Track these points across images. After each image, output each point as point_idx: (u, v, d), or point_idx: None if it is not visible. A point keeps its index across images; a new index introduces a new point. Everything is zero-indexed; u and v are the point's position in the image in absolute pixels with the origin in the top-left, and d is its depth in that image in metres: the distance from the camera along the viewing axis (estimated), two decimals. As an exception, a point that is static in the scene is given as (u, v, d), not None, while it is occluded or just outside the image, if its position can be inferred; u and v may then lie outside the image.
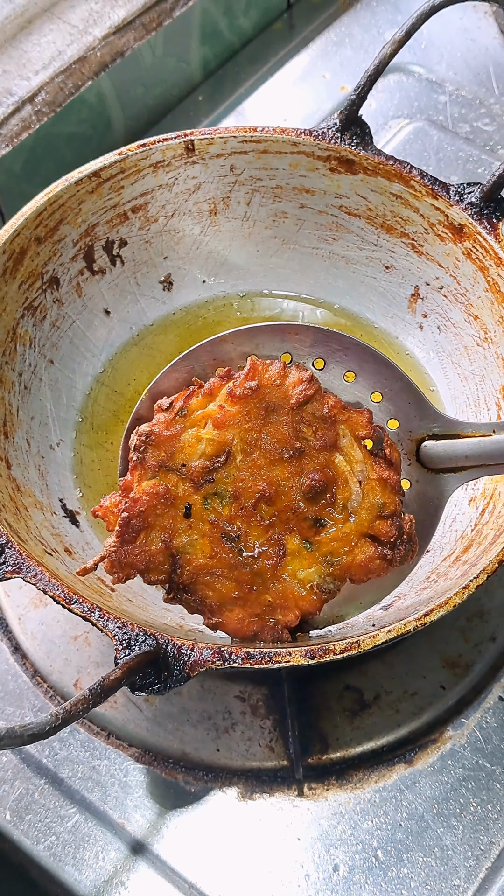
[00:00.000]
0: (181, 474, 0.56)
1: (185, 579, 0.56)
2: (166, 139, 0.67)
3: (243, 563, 0.56)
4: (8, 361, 0.64)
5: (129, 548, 0.55)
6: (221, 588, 0.56)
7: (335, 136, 0.66)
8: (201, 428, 0.57)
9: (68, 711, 0.45)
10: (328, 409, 0.57)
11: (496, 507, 0.60)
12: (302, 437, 0.57)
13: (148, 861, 0.60)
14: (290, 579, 0.57)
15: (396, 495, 0.57)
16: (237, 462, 0.57)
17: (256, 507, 0.56)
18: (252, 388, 0.57)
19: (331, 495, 0.57)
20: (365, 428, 0.58)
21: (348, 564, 0.57)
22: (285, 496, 0.57)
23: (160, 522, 0.56)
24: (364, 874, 0.60)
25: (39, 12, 0.83)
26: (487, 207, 0.64)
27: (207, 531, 0.56)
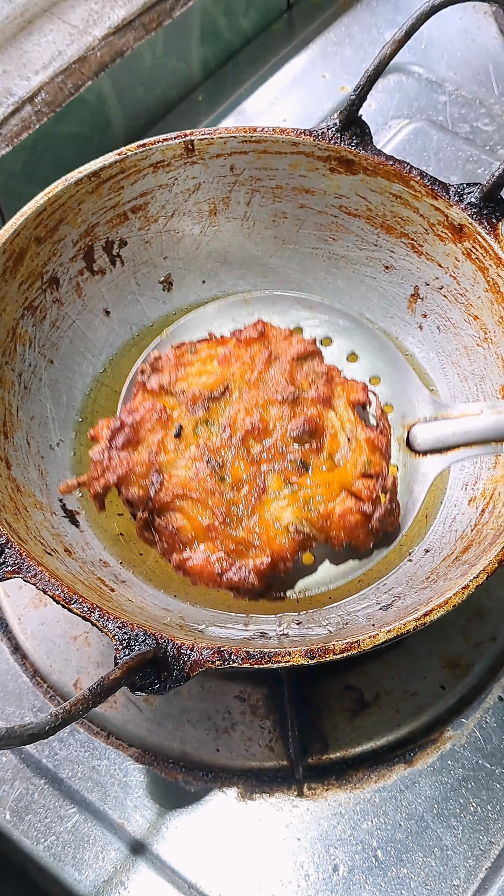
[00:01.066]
0: (179, 399, 0.58)
1: (163, 498, 0.56)
2: (166, 139, 0.67)
3: (223, 492, 0.56)
4: (8, 361, 0.64)
5: (115, 452, 0.57)
6: (196, 515, 0.56)
7: (335, 136, 0.66)
8: (206, 363, 0.60)
9: (68, 711, 0.45)
10: (326, 368, 0.60)
11: (496, 507, 0.60)
12: (298, 385, 0.59)
13: (148, 861, 0.60)
14: (267, 518, 0.56)
15: (383, 458, 0.58)
16: (233, 397, 0.58)
17: (245, 441, 0.57)
18: (259, 331, 0.60)
19: (319, 443, 0.58)
20: (359, 393, 0.60)
21: (327, 514, 0.57)
22: (274, 434, 0.57)
23: (150, 438, 0.57)
24: (364, 874, 0.60)
25: (39, 12, 0.83)
26: (487, 207, 0.64)
27: (194, 454, 0.57)
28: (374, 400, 0.61)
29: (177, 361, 0.60)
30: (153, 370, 0.60)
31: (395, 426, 0.60)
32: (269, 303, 0.64)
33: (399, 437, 0.60)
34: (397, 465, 0.60)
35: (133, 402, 0.59)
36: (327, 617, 0.61)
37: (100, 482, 0.56)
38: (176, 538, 0.55)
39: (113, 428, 0.57)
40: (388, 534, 0.60)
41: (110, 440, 0.57)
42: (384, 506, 0.57)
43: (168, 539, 0.56)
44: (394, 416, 0.60)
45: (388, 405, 0.61)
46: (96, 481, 0.57)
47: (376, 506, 0.57)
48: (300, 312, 0.63)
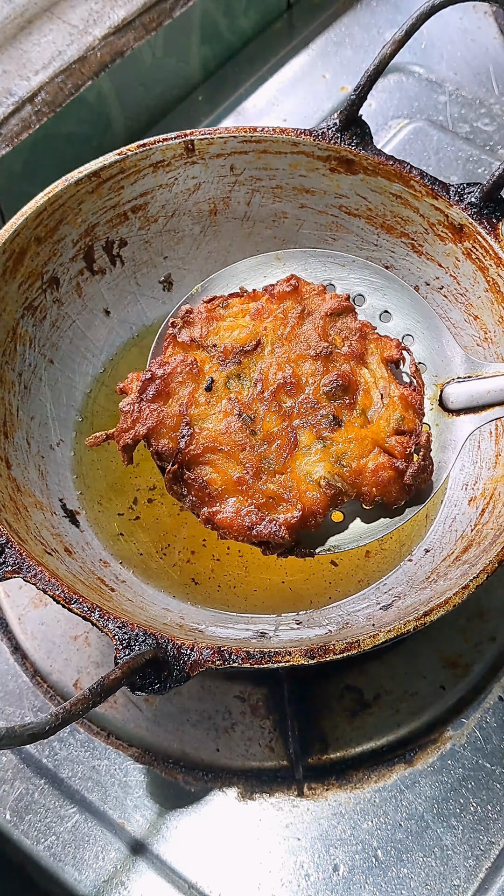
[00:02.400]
0: (210, 353, 0.58)
1: (193, 451, 0.55)
2: (166, 139, 0.67)
3: (253, 445, 0.56)
4: (8, 361, 0.64)
5: (146, 404, 0.56)
6: (227, 468, 0.55)
7: (335, 136, 0.66)
8: (238, 318, 0.59)
9: (68, 711, 0.45)
10: (360, 325, 0.59)
11: (496, 507, 0.60)
12: (331, 341, 0.58)
13: (148, 861, 0.60)
14: (298, 472, 0.56)
15: (416, 415, 0.58)
16: (265, 352, 0.58)
17: (277, 395, 0.57)
18: (292, 286, 0.59)
19: (352, 399, 0.57)
20: (392, 350, 0.59)
21: (359, 469, 0.56)
22: (307, 389, 0.57)
23: (181, 391, 0.57)
24: (364, 874, 0.60)
25: (39, 12, 0.83)
26: (487, 207, 0.64)
27: (225, 407, 0.57)
28: (408, 357, 0.60)
29: (208, 315, 0.59)
30: (184, 323, 0.59)
31: (429, 385, 0.60)
32: (301, 259, 0.63)
33: (432, 397, 0.60)
34: (429, 424, 0.60)
35: (164, 355, 0.59)
36: (327, 617, 0.61)
37: (129, 434, 0.56)
38: (205, 492, 0.55)
39: (144, 379, 0.57)
40: (419, 492, 0.59)
41: (141, 392, 0.57)
42: (417, 462, 0.56)
43: (197, 493, 0.55)
44: (427, 376, 0.60)
45: (422, 364, 0.61)
46: (126, 433, 0.56)
47: (409, 462, 0.56)
48: (333, 271, 0.63)
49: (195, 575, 0.65)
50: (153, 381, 0.57)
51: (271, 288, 0.60)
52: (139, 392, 0.57)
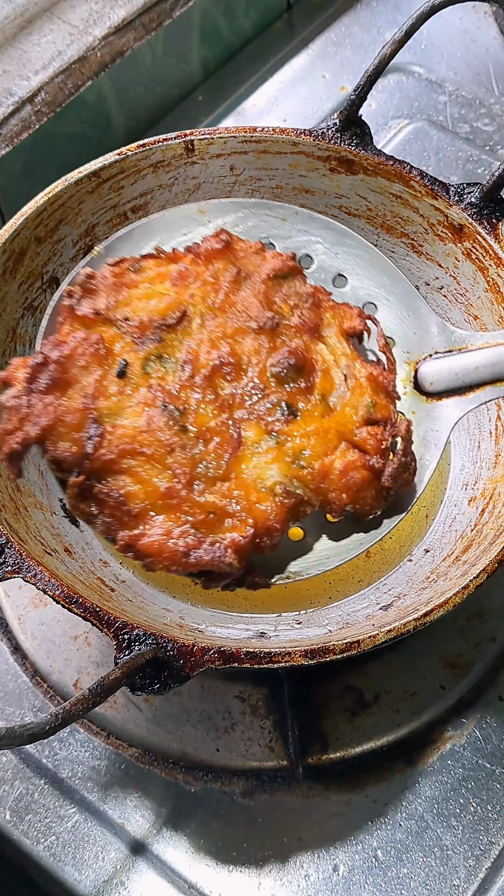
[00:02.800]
0: (121, 329, 0.45)
1: (104, 456, 0.43)
2: (166, 139, 0.67)
3: (185, 446, 0.43)
4: (8, 362, 0.64)
5: (38, 397, 0.43)
6: (151, 477, 0.43)
7: (335, 136, 0.66)
8: (156, 284, 0.46)
9: (68, 711, 0.45)
10: (311, 290, 0.47)
11: (496, 507, 0.60)
12: (277, 311, 0.46)
13: (148, 861, 0.60)
14: (246, 477, 0.44)
15: (389, 400, 0.46)
16: (194, 326, 0.46)
17: (212, 381, 0.44)
18: (222, 242, 0.47)
19: (308, 382, 0.45)
20: (353, 320, 0.48)
21: (324, 470, 0.44)
22: (250, 372, 0.45)
23: (84, 378, 0.44)
24: (364, 874, 0.60)
25: (39, 12, 0.83)
26: (487, 207, 0.64)
27: (144, 398, 0.44)
28: (374, 328, 0.49)
29: (116, 281, 0.46)
30: (84, 292, 0.46)
31: (400, 364, 0.49)
32: (230, 212, 0.50)
33: (404, 378, 0.48)
34: (402, 413, 0.49)
35: (59, 334, 0.45)
36: (327, 617, 0.61)
37: (16, 437, 0.43)
38: (123, 509, 0.43)
39: (33, 365, 0.43)
40: (399, 497, 0.48)
41: (30, 381, 0.43)
42: (397, 459, 0.45)
43: (112, 511, 0.43)
44: (396, 352, 0.49)
45: (389, 339, 0.49)
46: (11, 436, 0.43)
47: (386, 459, 0.45)
48: (271, 226, 0.50)
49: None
50: (46, 367, 0.44)
51: (196, 247, 0.48)
52: (27, 381, 0.43)
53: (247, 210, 0.51)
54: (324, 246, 0.50)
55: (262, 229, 0.51)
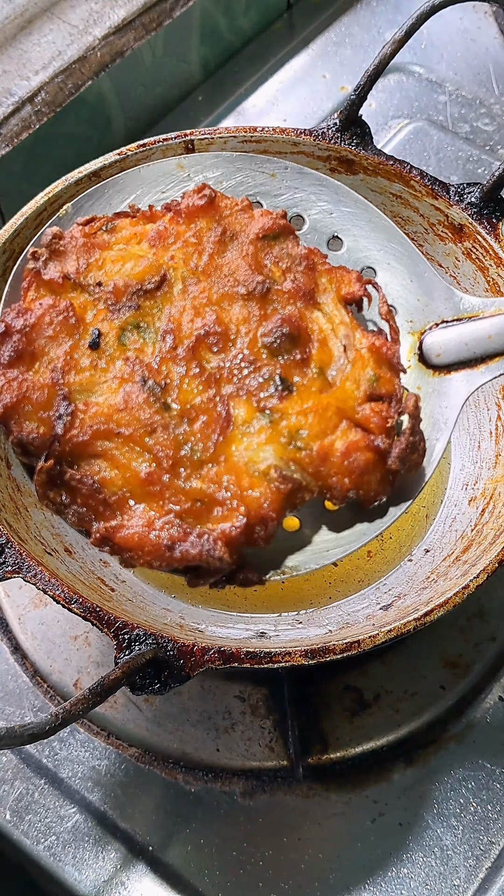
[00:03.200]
0: (94, 294, 0.41)
1: (76, 438, 0.39)
2: (166, 139, 0.67)
3: (167, 425, 0.39)
4: None
5: (2, 366, 0.39)
6: (129, 461, 0.39)
7: (335, 136, 0.66)
8: (131, 244, 0.42)
9: (68, 711, 0.45)
10: (305, 251, 0.43)
11: (496, 507, 0.60)
12: (268, 274, 0.42)
13: (148, 861, 0.60)
14: (237, 460, 0.39)
15: (394, 373, 0.42)
16: (175, 291, 0.41)
17: (196, 352, 0.40)
18: (206, 197, 0.43)
19: (304, 354, 0.41)
20: (352, 285, 0.43)
21: (324, 451, 0.40)
22: (239, 342, 0.41)
23: (52, 350, 0.40)
24: (364, 874, 0.59)
25: (39, 12, 0.83)
26: (487, 207, 0.64)
27: (121, 371, 0.40)
28: (375, 294, 0.44)
29: (86, 242, 0.42)
30: (51, 254, 0.42)
31: (403, 335, 0.44)
32: (213, 167, 0.46)
33: (408, 350, 0.44)
34: (406, 389, 0.45)
35: (24, 300, 0.41)
36: (327, 617, 0.61)
37: None
38: (98, 497, 0.39)
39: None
40: (406, 482, 0.43)
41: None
42: (404, 438, 0.41)
43: (86, 500, 0.39)
44: (399, 322, 0.44)
45: (391, 307, 0.45)
46: None
47: (392, 439, 0.41)
48: (258, 182, 0.46)
49: (195, 575, 0.65)
50: (8, 338, 0.40)
51: (175, 204, 0.44)
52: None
53: (231, 165, 0.46)
54: (317, 204, 0.46)
55: (249, 186, 0.46)
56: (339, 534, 0.44)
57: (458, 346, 0.43)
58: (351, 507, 0.43)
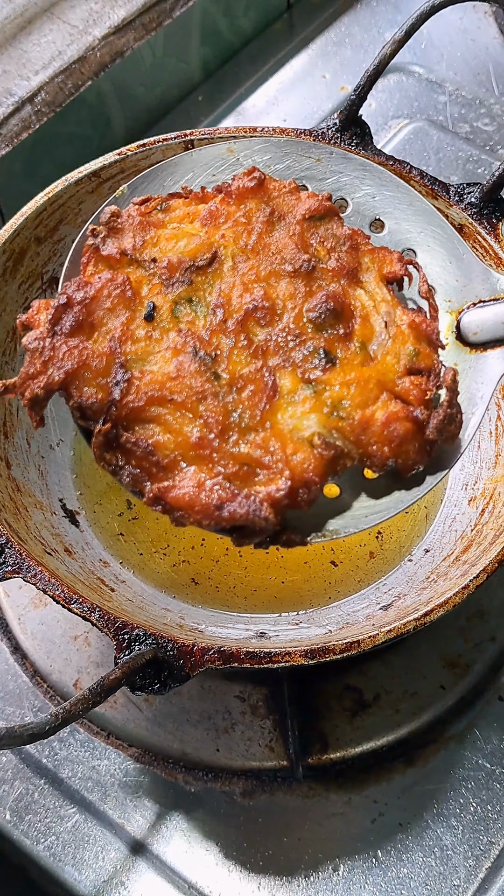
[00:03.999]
0: (149, 270, 0.43)
1: (132, 403, 0.41)
2: (166, 139, 0.67)
3: (217, 393, 0.41)
4: (8, 361, 0.64)
5: (62, 340, 0.41)
6: (181, 426, 0.41)
7: (335, 136, 0.66)
8: (184, 223, 0.45)
9: (68, 711, 0.45)
10: (349, 232, 0.45)
11: (496, 507, 0.60)
12: (314, 253, 0.44)
13: (148, 861, 0.60)
14: (283, 427, 0.41)
15: (433, 349, 0.44)
16: (225, 268, 0.44)
17: (245, 326, 0.42)
18: (256, 179, 0.45)
19: (347, 329, 0.43)
20: (394, 265, 0.45)
21: (365, 421, 0.42)
22: (285, 317, 0.43)
23: (110, 322, 0.42)
24: (364, 874, 0.59)
25: (39, 12, 0.83)
26: (487, 207, 0.64)
27: (174, 342, 0.42)
28: (416, 274, 0.46)
29: (142, 220, 0.45)
30: (110, 232, 0.44)
31: (442, 314, 0.46)
32: (262, 152, 0.48)
33: (447, 328, 0.46)
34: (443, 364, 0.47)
35: (83, 274, 0.44)
36: (327, 617, 0.61)
37: (39, 381, 0.41)
38: (152, 459, 0.40)
39: (56, 306, 0.42)
40: (443, 452, 0.45)
41: (53, 323, 0.41)
42: (442, 410, 0.43)
43: (140, 461, 0.41)
44: (437, 301, 0.47)
45: (430, 287, 0.47)
46: (34, 380, 0.41)
47: (431, 411, 0.42)
48: (304, 166, 0.48)
49: (195, 575, 0.65)
50: (69, 309, 0.42)
51: (227, 185, 0.46)
52: (51, 323, 0.42)
53: (279, 150, 0.48)
54: (360, 188, 0.48)
55: (296, 170, 0.48)
56: (377, 500, 0.45)
57: (494, 325, 0.45)
58: (389, 476, 0.45)
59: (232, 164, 0.49)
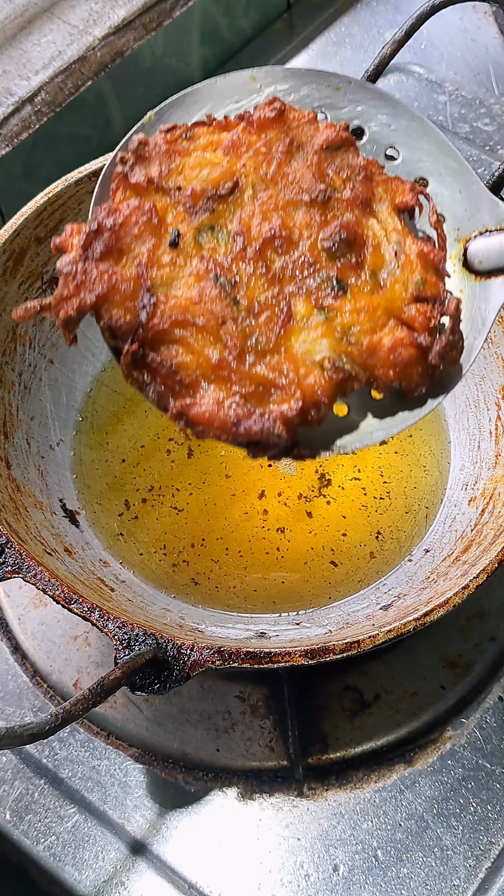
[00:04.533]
0: (174, 198, 0.46)
1: (157, 325, 0.44)
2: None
3: (236, 318, 0.44)
4: (8, 361, 0.64)
5: (93, 264, 0.44)
6: (202, 348, 0.44)
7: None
8: (208, 152, 0.47)
9: (68, 711, 0.45)
10: (364, 162, 0.48)
11: (496, 507, 0.60)
12: (330, 183, 0.47)
13: (148, 861, 0.60)
14: (296, 351, 0.45)
15: (439, 278, 0.47)
16: (246, 197, 0.46)
17: (263, 253, 0.45)
18: (276, 109, 0.47)
19: (358, 258, 0.46)
20: (406, 195, 0.48)
21: (373, 346, 0.45)
22: (301, 245, 0.45)
23: (137, 248, 0.45)
24: (364, 874, 0.60)
25: (39, 12, 0.83)
26: (487, 207, 0.64)
27: (196, 269, 0.44)
28: (427, 204, 0.49)
29: (169, 149, 0.47)
30: (137, 159, 0.47)
31: (450, 242, 0.49)
32: (283, 80, 0.50)
33: (454, 255, 0.49)
34: (450, 291, 0.49)
35: (112, 201, 0.46)
36: (327, 617, 0.61)
37: (72, 303, 0.44)
38: (175, 378, 0.44)
39: (88, 232, 0.44)
40: (444, 376, 0.48)
41: (84, 248, 0.44)
42: (445, 337, 0.45)
43: (165, 379, 0.44)
44: (446, 229, 0.49)
45: (440, 216, 0.49)
46: (67, 302, 0.44)
47: (434, 337, 0.45)
48: (323, 95, 0.50)
49: (195, 575, 0.65)
50: (100, 235, 0.44)
51: (248, 115, 0.48)
52: (83, 248, 0.44)
53: (300, 79, 0.50)
54: (376, 117, 0.50)
55: (315, 98, 0.50)
56: (382, 420, 0.48)
57: (498, 254, 0.48)
58: (394, 397, 0.48)
59: (254, 93, 0.50)
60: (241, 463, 0.69)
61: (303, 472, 0.69)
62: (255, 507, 0.67)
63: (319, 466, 0.69)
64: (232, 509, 0.67)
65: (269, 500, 0.68)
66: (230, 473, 0.69)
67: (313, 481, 0.68)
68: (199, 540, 0.66)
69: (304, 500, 0.68)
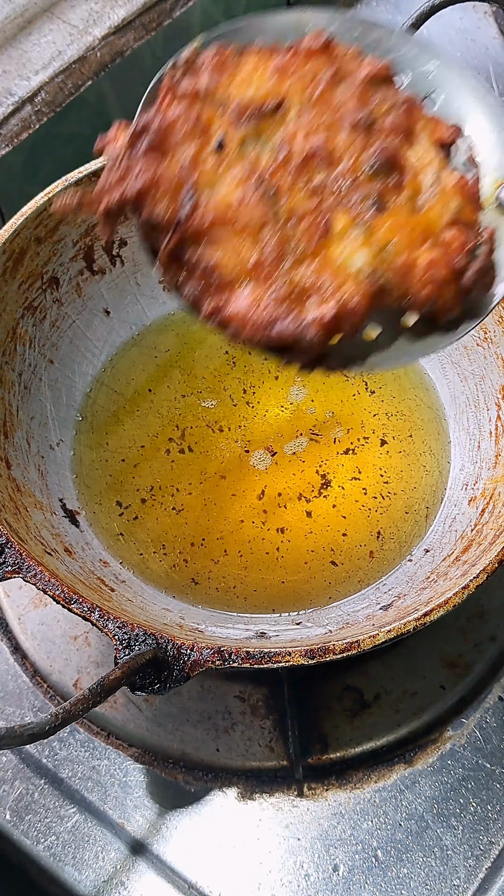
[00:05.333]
0: (220, 110, 0.46)
1: (197, 224, 0.44)
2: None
3: (276, 224, 0.44)
4: (8, 361, 0.64)
5: (138, 157, 0.44)
6: (240, 249, 0.44)
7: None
8: (257, 73, 0.48)
9: (68, 711, 0.45)
10: (406, 97, 0.49)
11: (496, 507, 0.60)
12: (372, 110, 0.47)
13: (148, 861, 0.60)
14: (334, 258, 0.45)
15: (475, 207, 0.48)
16: (290, 116, 0.47)
17: (305, 167, 0.46)
18: (323, 43, 0.48)
19: (398, 181, 0.47)
20: (445, 132, 0.49)
21: (409, 263, 0.45)
22: (342, 164, 0.46)
23: (183, 150, 0.45)
24: (364, 874, 0.60)
25: (39, 12, 0.83)
26: (487, 207, 0.64)
27: (239, 174, 0.45)
28: (463, 144, 0.50)
29: (218, 63, 0.48)
30: (187, 71, 0.48)
31: (485, 184, 0.50)
32: (329, 22, 0.51)
33: (488, 197, 0.50)
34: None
35: (159, 106, 0.47)
36: (327, 617, 0.61)
37: (114, 194, 0.44)
38: (212, 277, 0.44)
39: (134, 130, 0.44)
40: (476, 302, 0.48)
41: (130, 144, 0.44)
42: (479, 262, 0.46)
43: (201, 277, 0.44)
44: (481, 173, 0.50)
45: (475, 158, 0.50)
46: (109, 192, 0.44)
47: (468, 260, 0.46)
48: (366, 38, 0.51)
49: (195, 575, 0.65)
50: (146, 132, 0.45)
51: (297, 44, 0.49)
52: (129, 144, 0.44)
53: (345, 24, 0.52)
54: (415, 64, 0.51)
55: (359, 41, 0.51)
56: (414, 343, 0.48)
57: None
58: (425, 322, 0.47)
59: (301, 34, 0.51)
60: (240, 463, 0.69)
61: (303, 472, 0.69)
62: (254, 507, 0.67)
63: (319, 467, 0.69)
64: (232, 509, 0.67)
65: (268, 501, 0.68)
66: (230, 473, 0.69)
67: (313, 481, 0.68)
68: (199, 540, 0.66)
69: (304, 500, 0.68)
